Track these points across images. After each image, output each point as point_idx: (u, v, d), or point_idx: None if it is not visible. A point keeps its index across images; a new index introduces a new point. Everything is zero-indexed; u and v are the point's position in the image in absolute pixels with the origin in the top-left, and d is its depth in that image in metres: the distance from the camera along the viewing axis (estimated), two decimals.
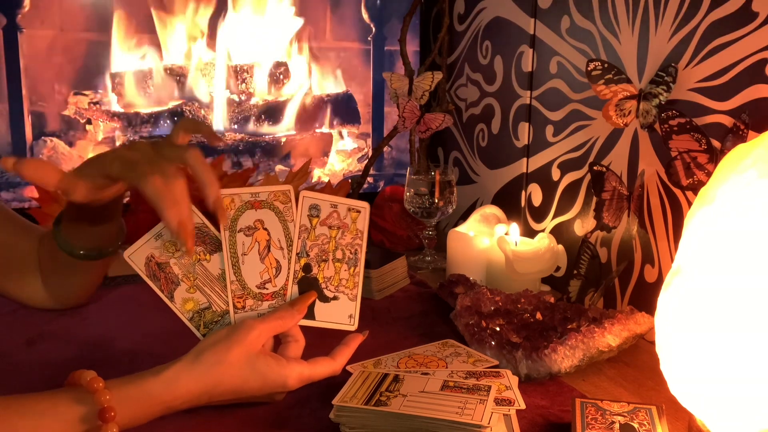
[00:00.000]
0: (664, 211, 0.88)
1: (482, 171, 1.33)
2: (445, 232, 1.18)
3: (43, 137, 1.29)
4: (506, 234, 1.07)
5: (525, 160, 1.20)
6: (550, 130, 1.13)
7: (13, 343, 0.85)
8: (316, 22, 1.46)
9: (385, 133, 1.47)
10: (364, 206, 0.77)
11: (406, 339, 0.88)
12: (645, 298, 0.92)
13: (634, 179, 0.93)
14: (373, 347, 0.81)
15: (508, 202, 1.24)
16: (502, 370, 0.75)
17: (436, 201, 1.21)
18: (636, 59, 0.92)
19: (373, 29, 1.49)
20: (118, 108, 1.35)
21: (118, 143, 1.35)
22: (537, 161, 1.17)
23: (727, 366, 0.56)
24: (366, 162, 1.39)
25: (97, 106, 1.33)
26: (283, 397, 0.71)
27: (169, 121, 1.38)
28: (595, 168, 0.94)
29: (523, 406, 0.68)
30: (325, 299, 0.74)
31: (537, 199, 1.17)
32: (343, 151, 1.54)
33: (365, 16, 1.48)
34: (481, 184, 1.34)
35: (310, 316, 0.73)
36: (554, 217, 1.13)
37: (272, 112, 1.46)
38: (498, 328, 0.85)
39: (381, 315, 0.98)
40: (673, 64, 0.84)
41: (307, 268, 0.74)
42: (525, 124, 1.19)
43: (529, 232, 1.18)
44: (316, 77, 1.48)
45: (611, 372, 0.81)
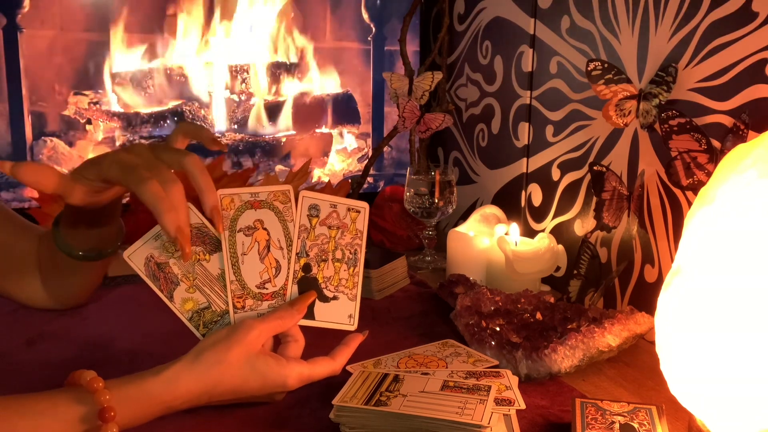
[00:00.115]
0: (664, 211, 0.88)
1: (482, 171, 1.33)
2: (445, 232, 1.18)
3: (43, 137, 1.29)
4: (506, 234, 1.07)
5: (525, 160, 1.20)
6: (550, 130, 1.13)
7: (13, 343, 0.85)
8: (316, 22, 1.46)
9: (385, 133, 1.46)
10: (364, 206, 0.77)
11: (406, 339, 0.88)
12: (645, 298, 0.92)
13: (634, 179, 0.93)
14: (373, 347, 0.81)
15: (508, 202, 1.24)
16: (502, 370, 0.75)
17: (436, 201, 1.21)
18: (636, 59, 0.92)
19: (373, 29, 1.49)
20: (118, 108, 1.35)
21: (118, 143, 1.35)
22: (537, 161, 1.17)
23: (727, 366, 0.55)
24: (366, 162, 1.39)
25: (97, 106, 1.33)
26: (283, 397, 0.71)
27: (169, 121, 1.38)
28: (595, 168, 0.94)
29: (523, 406, 0.68)
30: (324, 299, 0.74)
31: (537, 199, 1.17)
32: (343, 151, 1.54)
33: (365, 16, 1.48)
34: (481, 184, 1.34)
35: (310, 316, 0.73)
36: (554, 217, 1.13)
37: (272, 112, 1.46)
38: (498, 328, 0.85)
39: (381, 315, 0.98)
40: (673, 64, 0.84)
41: (307, 268, 0.74)
42: (525, 124, 1.19)
43: (529, 232, 1.18)
44: (316, 77, 1.48)
45: (611, 372, 0.81)
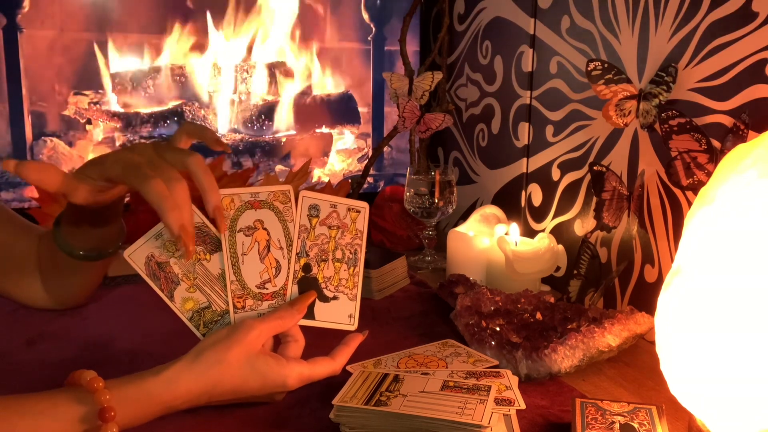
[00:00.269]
0: (664, 211, 0.88)
1: (482, 171, 1.33)
2: (445, 232, 1.18)
3: (43, 137, 1.29)
4: (506, 234, 1.07)
5: (525, 160, 1.20)
6: (550, 130, 1.13)
7: (13, 343, 0.85)
8: (316, 22, 1.46)
9: (385, 133, 1.46)
10: (364, 206, 0.77)
11: (406, 339, 0.88)
12: (645, 298, 0.92)
13: (634, 179, 0.93)
14: (373, 347, 0.81)
15: (508, 202, 1.24)
16: (502, 370, 0.75)
17: (436, 201, 1.21)
18: (636, 59, 0.92)
19: (373, 29, 1.49)
20: (118, 108, 1.35)
21: (118, 143, 1.35)
22: (537, 161, 1.17)
23: (727, 366, 0.55)
24: (366, 162, 1.39)
25: (97, 106, 1.33)
26: (283, 397, 0.71)
27: (169, 121, 1.38)
28: (595, 168, 0.94)
29: (523, 406, 0.68)
30: (324, 299, 0.74)
31: (537, 199, 1.17)
32: (343, 151, 1.54)
33: (365, 16, 1.48)
34: (481, 184, 1.34)
35: (310, 315, 0.73)
36: (554, 217, 1.13)
37: (272, 112, 1.46)
38: (498, 328, 0.85)
39: (381, 315, 0.98)
40: (673, 64, 0.84)
41: (307, 268, 0.74)
42: (525, 124, 1.19)
43: (529, 232, 1.18)
44: (316, 77, 1.48)
45: (611, 372, 0.81)
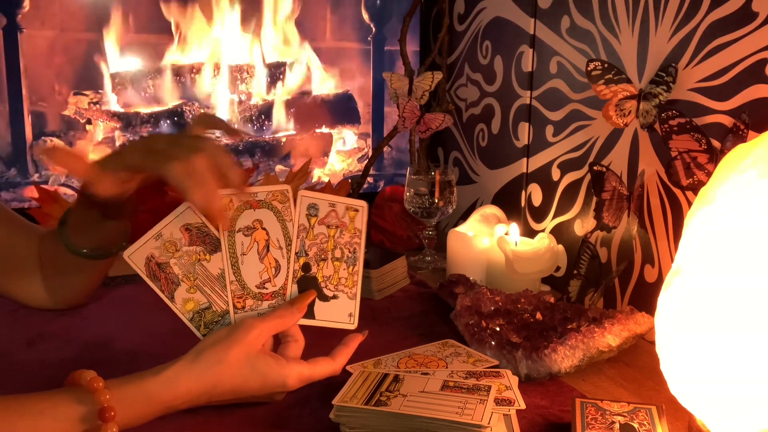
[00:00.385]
0: (664, 211, 0.88)
1: (482, 171, 1.33)
2: (445, 232, 1.18)
3: (43, 137, 1.29)
4: (506, 234, 1.07)
5: (525, 160, 1.20)
6: (550, 130, 1.13)
7: (13, 343, 0.85)
8: (316, 22, 1.46)
9: (385, 133, 1.46)
10: (362, 205, 0.77)
11: (406, 339, 0.88)
12: (645, 298, 0.92)
13: (634, 179, 0.93)
14: (373, 347, 0.81)
15: (508, 202, 1.24)
16: (502, 370, 0.75)
17: (436, 201, 1.21)
18: (636, 59, 0.92)
19: (373, 29, 1.49)
20: (118, 108, 1.35)
21: (118, 143, 1.35)
22: (537, 161, 1.17)
23: (727, 366, 0.55)
24: (366, 162, 1.39)
25: (97, 106, 1.33)
26: (283, 397, 0.71)
27: (169, 121, 1.38)
28: (595, 168, 0.94)
29: (523, 406, 0.68)
30: (324, 298, 0.74)
31: (537, 199, 1.17)
32: (343, 151, 1.54)
33: (365, 16, 1.48)
34: (481, 184, 1.34)
35: (310, 315, 0.73)
36: (554, 217, 1.13)
37: (272, 112, 1.46)
38: (498, 328, 0.85)
39: (381, 315, 0.98)
40: (673, 64, 0.84)
41: (306, 268, 0.74)
42: (525, 124, 1.18)
43: (529, 232, 1.18)
44: (316, 77, 1.48)
45: (611, 372, 0.81)
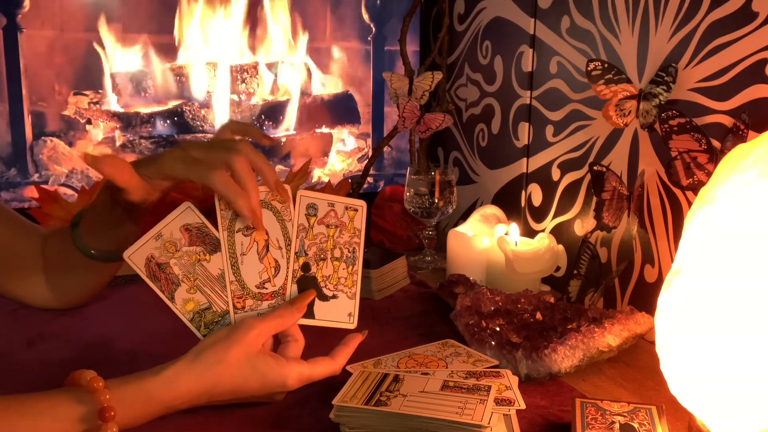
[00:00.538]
0: (664, 211, 0.88)
1: (482, 171, 1.33)
2: (445, 232, 1.18)
3: (43, 137, 1.29)
4: (506, 234, 1.07)
5: (525, 160, 1.19)
6: (550, 130, 1.13)
7: (13, 343, 0.85)
8: (316, 22, 1.46)
9: (385, 133, 1.46)
10: (361, 204, 0.77)
11: (406, 339, 0.88)
12: (645, 298, 0.92)
13: (634, 179, 0.93)
14: (373, 347, 0.81)
15: (508, 202, 1.24)
16: (502, 370, 0.75)
17: (436, 201, 1.21)
18: (636, 59, 0.92)
19: (373, 29, 1.49)
20: (118, 108, 1.35)
21: (118, 143, 1.35)
22: (537, 161, 1.17)
23: (727, 366, 0.55)
24: (366, 162, 1.39)
25: (97, 106, 1.33)
26: (283, 397, 0.71)
27: (168, 121, 1.38)
28: (595, 168, 0.94)
29: (523, 406, 0.68)
30: (324, 298, 0.74)
31: (537, 199, 1.17)
32: (343, 151, 1.54)
33: (365, 16, 1.48)
34: (481, 184, 1.34)
35: (310, 315, 0.73)
36: (554, 217, 1.13)
37: (272, 112, 1.46)
38: (498, 328, 0.85)
39: (381, 315, 0.98)
40: (673, 64, 0.84)
41: (306, 267, 0.74)
42: (525, 124, 1.18)
43: (529, 232, 1.18)
44: (316, 77, 1.48)
45: (611, 372, 0.81)
